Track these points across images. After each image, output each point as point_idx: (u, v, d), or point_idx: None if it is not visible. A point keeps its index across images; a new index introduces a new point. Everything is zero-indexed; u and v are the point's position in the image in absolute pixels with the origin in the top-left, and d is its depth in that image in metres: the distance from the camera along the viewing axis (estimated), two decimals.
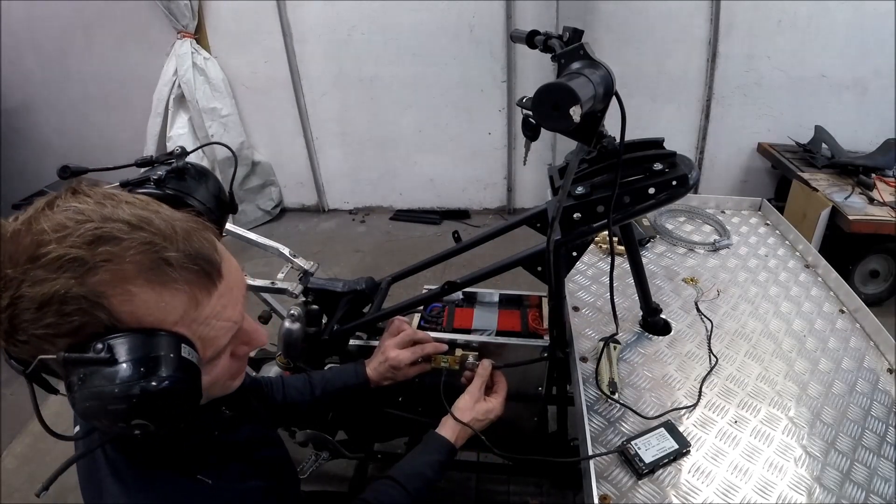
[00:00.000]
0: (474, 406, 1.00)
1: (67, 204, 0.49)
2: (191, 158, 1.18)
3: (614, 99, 0.78)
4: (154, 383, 0.46)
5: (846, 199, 2.56)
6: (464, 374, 1.13)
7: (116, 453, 0.60)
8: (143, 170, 1.07)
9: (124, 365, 0.45)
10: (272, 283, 1.36)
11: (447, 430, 0.97)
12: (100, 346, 0.45)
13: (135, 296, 0.47)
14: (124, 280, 0.47)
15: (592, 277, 1.30)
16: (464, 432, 0.98)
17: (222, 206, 1.14)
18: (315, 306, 1.27)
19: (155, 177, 1.03)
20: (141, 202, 0.53)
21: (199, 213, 0.57)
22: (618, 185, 0.87)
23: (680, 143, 3.38)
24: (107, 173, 1.05)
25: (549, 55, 0.90)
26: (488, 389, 1.07)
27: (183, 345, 0.49)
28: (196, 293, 0.51)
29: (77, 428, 0.66)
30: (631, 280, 1.09)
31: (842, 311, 1.20)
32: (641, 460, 0.82)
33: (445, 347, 1.15)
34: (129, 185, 1.02)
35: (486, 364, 1.08)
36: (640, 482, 0.81)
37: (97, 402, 0.45)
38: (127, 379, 0.45)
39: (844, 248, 2.54)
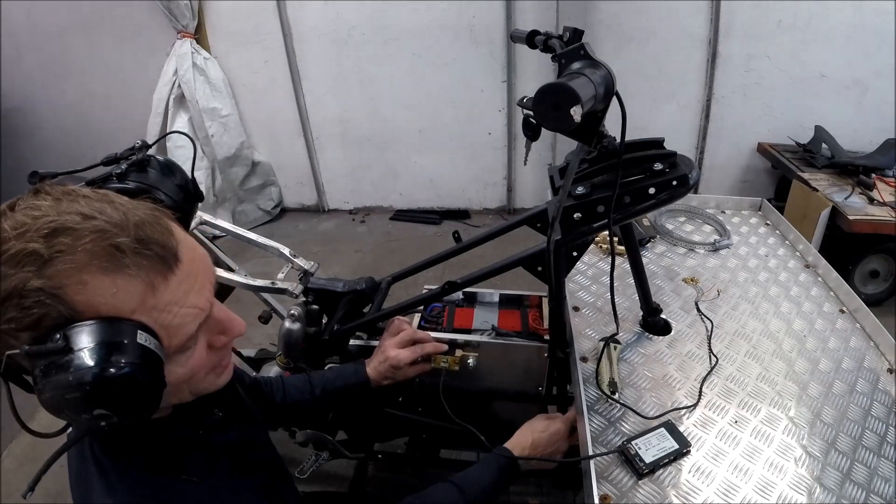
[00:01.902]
0: (543, 430, 1.01)
1: (27, 203, 0.50)
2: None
3: (615, 99, 0.78)
4: (110, 370, 0.46)
5: (846, 199, 2.56)
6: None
7: (103, 454, 0.60)
8: (109, 168, 1.07)
9: (79, 353, 0.45)
10: (272, 283, 1.36)
11: (517, 449, 0.98)
12: (57, 336, 0.46)
13: (88, 284, 0.47)
14: (78, 269, 0.47)
15: (593, 277, 1.30)
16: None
17: (188, 197, 1.14)
18: (315, 306, 1.27)
19: (117, 171, 1.03)
20: (98, 195, 0.53)
21: (157, 201, 0.57)
22: (618, 185, 0.87)
23: (680, 143, 3.38)
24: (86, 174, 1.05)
25: (549, 55, 0.90)
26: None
27: (140, 331, 0.49)
28: (152, 278, 0.51)
29: (70, 429, 0.67)
30: (631, 280, 1.09)
31: (842, 311, 1.20)
32: (642, 460, 0.82)
33: (445, 347, 1.15)
34: (94, 184, 1.01)
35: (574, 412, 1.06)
36: (640, 482, 0.81)
37: (56, 393, 0.45)
38: (81, 367, 0.45)
39: (844, 248, 2.54)
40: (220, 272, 1.38)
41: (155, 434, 0.64)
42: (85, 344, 0.46)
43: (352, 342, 1.29)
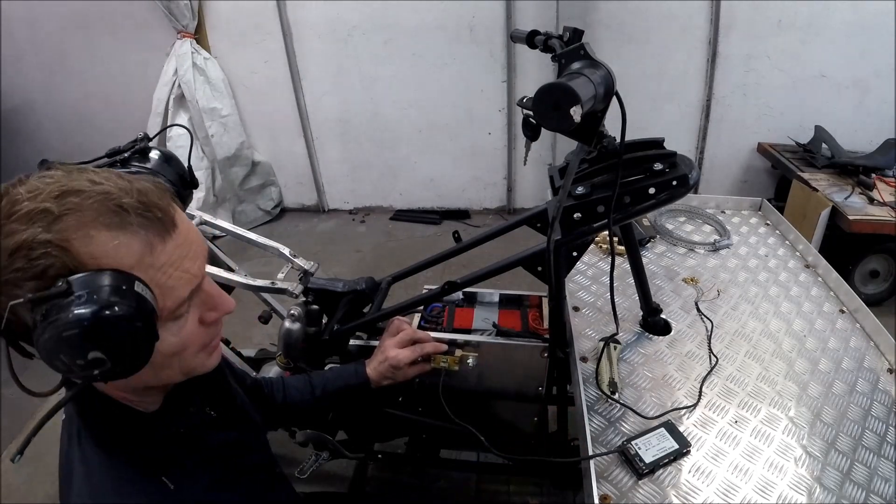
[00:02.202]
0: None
1: (40, 173, 0.55)
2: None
3: (614, 99, 0.78)
4: (107, 311, 0.49)
5: (846, 199, 2.56)
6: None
7: (90, 440, 0.62)
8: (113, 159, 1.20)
9: (80, 295, 0.49)
10: (272, 283, 1.35)
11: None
12: (61, 282, 0.49)
13: (93, 238, 0.52)
14: (85, 225, 0.51)
15: (592, 277, 1.30)
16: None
17: (185, 184, 1.27)
18: (315, 306, 1.27)
19: (120, 158, 1.15)
20: (105, 170, 0.58)
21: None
22: (618, 185, 0.87)
23: (680, 143, 3.38)
24: None
25: (549, 55, 0.90)
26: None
27: (137, 282, 0.52)
28: (151, 239, 0.55)
29: (64, 416, 0.67)
30: (631, 280, 1.09)
31: (842, 311, 1.20)
32: (642, 460, 0.82)
33: (445, 347, 1.15)
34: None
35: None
36: (640, 482, 0.81)
37: (56, 334, 0.48)
38: (81, 306, 0.48)
39: (844, 248, 2.54)
40: (220, 272, 1.38)
41: (144, 428, 0.65)
42: (86, 288, 0.49)
43: (352, 342, 1.28)
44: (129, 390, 0.64)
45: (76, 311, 0.48)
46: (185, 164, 1.28)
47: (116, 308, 0.49)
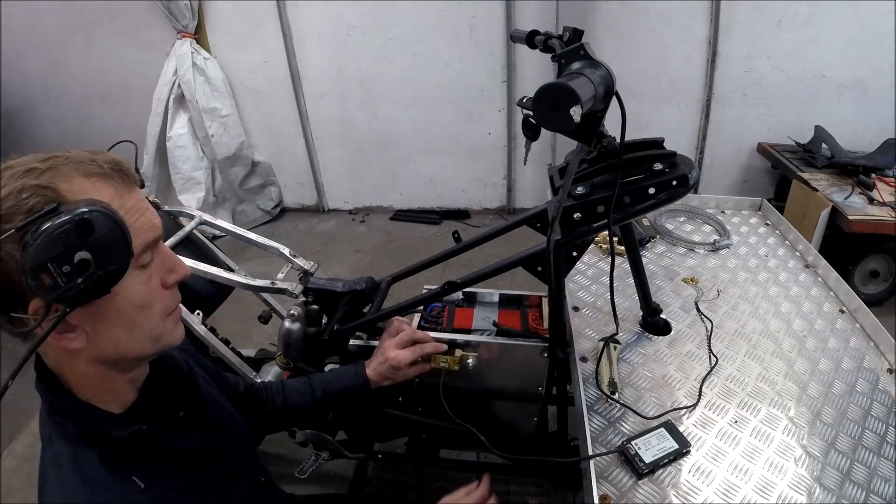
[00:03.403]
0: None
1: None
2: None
3: (614, 99, 0.78)
4: (94, 213, 0.56)
5: (846, 199, 2.56)
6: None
7: (59, 437, 0.65)
8: None
9: (69, 207, 0.56)
10: (272, 283, 1.35)
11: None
12: (50, 205, 0.56)
13: (74, 181, 0.60)
14: (66, 173, 0.60)
15: (592, 277, 1.30)
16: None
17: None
18: (315, 306, 1.27)
19: None
20: None
21: None
22: (618, 185, 0.87)
23: (680, 143, 3.38)
24: None
25: (549, 55, 0.90)
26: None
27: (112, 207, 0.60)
28: (120, 188, 0.63)
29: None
30: (631, 280, 1.09)
31: (842, 311, 1.20)
32: (641, 460, 0.82)
33: (445, 347, 1.15)
34: None
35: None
36: (640, 482, 0.81)
37: (47, 240, 0.53)
38: (71, 212, 0.55)
39: (844, 248, 2.54)
40: (220, 272, 1.38)
41: (110, 425, 0.66)
42: (74, 206, 0.56)
43: (352, 342, 1.28)
44: (100, 368, 0.65)
45: (67, 216, 0.54)
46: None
47: (99, 211, 0.56)
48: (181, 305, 0.73)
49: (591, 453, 0.83)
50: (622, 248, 1.20)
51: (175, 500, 0.69)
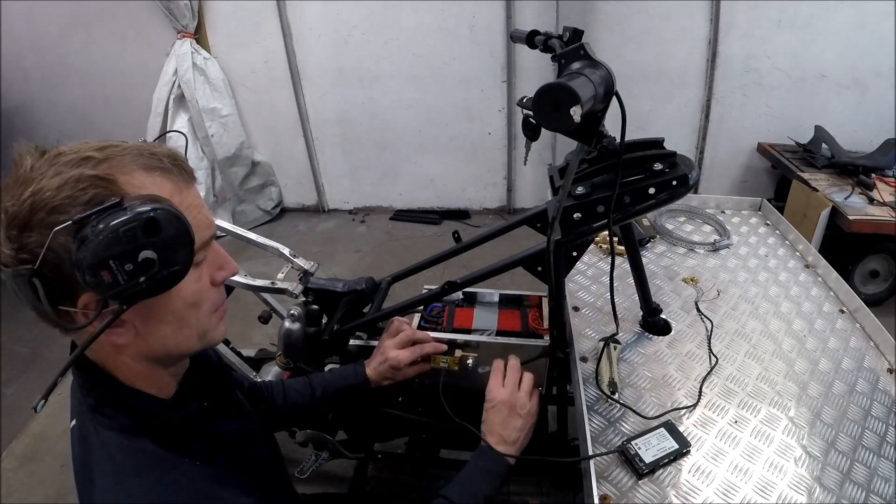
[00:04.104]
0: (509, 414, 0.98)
1: (72, 143, 0.60)
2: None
3: (614, 99, 0.78)
4: (160, 211, 0.54)
5: (846, 199, 2.56)
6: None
7: (108, 431, 0.62)
8: None
9: (133, 204, 0.54)
10: (272, 283, 1.36)
11: (499, 445, 0.95)
12: (111, 199, 0.54)
13: (133, 175, 0.58)
14: (125, 165, 0.58)
15: (592, 277, 1.30)
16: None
17: None
18: (315, 306, 1.27)
19: None
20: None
21: None
22: (618, 185, 0.87)
23: (680, 143, 3.38)
24: None
25: (549, 55, 0.90)
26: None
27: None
28: (179, 183, 0.62)
29: (73, 422, 0.67)
30: (631, 280, 1.09)
31: (842, 311, 1.20)
32: (641, 460, 0.82)
33: (445, 347, 1.15)
34: None
35: (498, 362, 1.06)
36: (640, 482, 0.81)
37: (111, 237, 0.52)
38: (136, 208, 0.53)
39: (844, 248, 2.54)
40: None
41: (161, 410, 0.66)
42: (138, 201, 0.54)
43: (352, 342, 1.28)
44: (146, 363, 0.65)
45: (134, 211, 0.53)
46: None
47: (167, 210, 0.55)
48: None
49: (591, 453, 0.83)
50: (622, 248, 1.20)
51: (231, 478, 0.69)
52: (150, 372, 0.66)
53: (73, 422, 0.67)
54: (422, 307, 1.31)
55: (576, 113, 0.66)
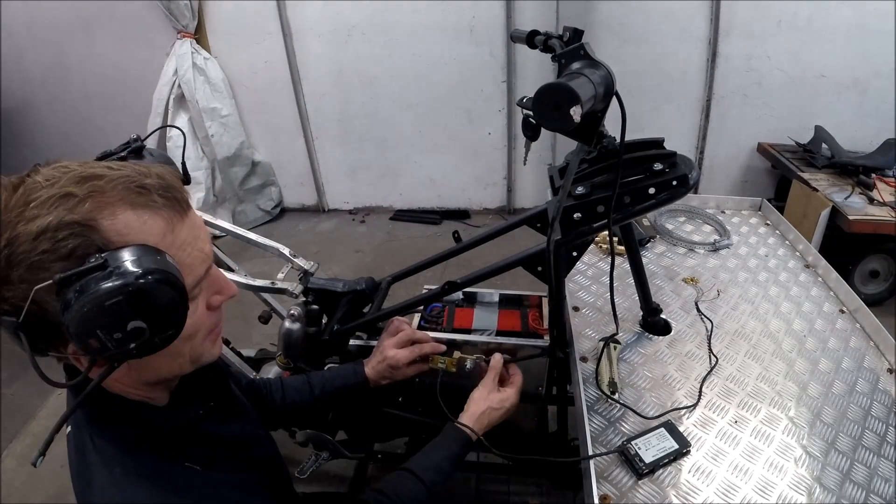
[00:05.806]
0: (488, 396, 1.01)
1: (53, 165, 0.55)
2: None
3: (614, 99, 0.78)
4: (149, 277, 0.50)
5: (846, 199, 2.56)
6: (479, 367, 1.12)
7: (104, 441, 0.62)
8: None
9: (118, 266, 0.50)
10: (272, 283, 1.35)
11: (464, 420, 0.99)
12: (94, 257, 0.50)
13: (119, 217, 0.53)
14: (110, 205, 0.53)
15: (592, 277, 1.30)
16: (480, 423, 0.99)
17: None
18: (315, 306, 1.27)
19: (118, 158, 1.20)
20: (117, 162, 0.60)
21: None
22: (618, 185, 0.87)
23: (680, 143, 3.38)
24: None
25: (549, 55, 0.90)
26: (503, 382, 1.07)
27: (166, 255, 0.54)
28: (171, 217, 0.57)
29: (69, 429, 0.67)
30: (631, 280, 1.09)
31: (842, 311, 1.20)
32: (641, 460, 0.82)
33: (444, 347, 1.15)
34: None
35: (497, 357, 1.08)
36: (640, 482, 0.81)
37: (96, 306, 0.48)
38: (122, 276, 0.49)
39: (844, 248, 2.54)
40: (220, 272, 1.38)
41: (158, 419, 0.65)
42: (123, 259, 0.50)
43: (352, 342, 1.28)
44: (139, 386, 0.64)
45: (119, 281, 0.49)
46: (179, 163, 1.34)
47: (156, 275, 0.51)
48: None
49: (591, 453, 0.83)
50: (622, 248, 1.20)
51: (232, 480, 0.68)
52: (143, 389, 0.66)
53: (69, 429, 0.67)
54: (422, 307, 1.31)
55: (576, 113, 0.66)
